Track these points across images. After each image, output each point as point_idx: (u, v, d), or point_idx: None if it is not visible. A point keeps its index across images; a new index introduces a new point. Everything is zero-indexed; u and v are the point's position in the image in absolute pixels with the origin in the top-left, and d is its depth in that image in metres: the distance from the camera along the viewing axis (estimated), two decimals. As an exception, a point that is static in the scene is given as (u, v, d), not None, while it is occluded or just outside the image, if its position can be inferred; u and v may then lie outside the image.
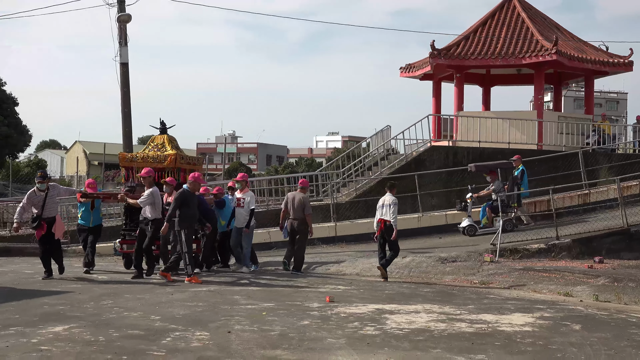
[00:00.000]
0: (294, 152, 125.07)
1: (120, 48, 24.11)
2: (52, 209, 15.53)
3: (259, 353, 8.65)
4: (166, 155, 17.79)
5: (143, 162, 17.68)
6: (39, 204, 15.30)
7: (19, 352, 8.42)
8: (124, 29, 24.18)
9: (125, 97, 24.18)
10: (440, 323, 10.84)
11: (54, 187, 15.84)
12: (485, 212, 22.47)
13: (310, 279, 16.35)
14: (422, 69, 31.19)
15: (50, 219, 15.40)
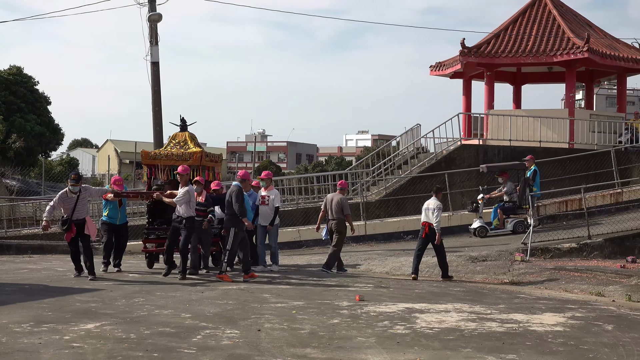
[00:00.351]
0: (323, 151, 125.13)
1: (150, 47, 24.20)
2: (82, 211, 15.32)
3: (289, 351, 8.67)
4: (191, 152, 17.31)
5: (167, 160, 17.31)
6: (70, 206, 15.12)
7: (52, 349, 8.50)
8: (154, 28, 24.28)
9: (156, 95, 24.28)
10: (471, 322, 10.80)
11: (86, 189, 15.62)
12: (497, 214, 22.35)
13: (340, 277, 16.34)
14: (452, 67, 31.06)
15: (80, 221, 15.20)
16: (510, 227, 22.28)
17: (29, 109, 56.05)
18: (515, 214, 22.47)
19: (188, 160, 17.04)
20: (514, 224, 22.25)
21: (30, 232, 24.19)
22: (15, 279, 15.01)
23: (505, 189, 22.45)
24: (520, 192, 22.16)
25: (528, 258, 18.10)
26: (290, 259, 19.44)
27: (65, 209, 15.12)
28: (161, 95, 24.46)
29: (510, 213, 22.48)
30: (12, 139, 46.40)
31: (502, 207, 22.35)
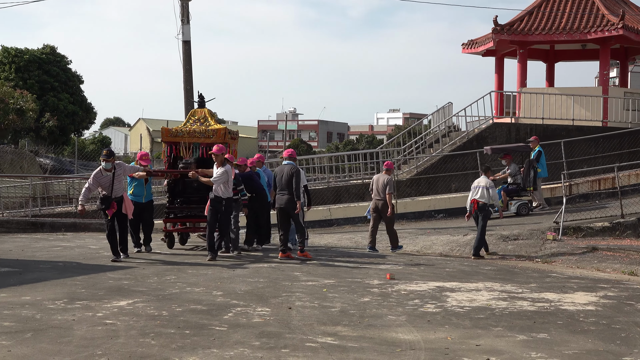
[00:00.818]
0: (354, 129, 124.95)
1: (182, 26, 24.24)
2: (120, 188, 14.73)
3: (320, 329, 8.70)
4: (214, 129, 16.68)
5: (189, 137, 16.66)
6: (107, 184, 14.53)
7: (85, 325, 8.60)
8: (186, 7, 24.30)
9: (187, 74, 24.35)
10: (502, 301, 10.78)
11: (120, 166, 14.87)
12: (501, 196, 22.09)
13: (370, 255, 16.36)
14: (485, 44, 30.82)
15: (119, 199, 14.69)
16: (514, 209, 22.12)
17: (62, 88, 56.48)
18: (519, 196, 22.32)
19: (211, 138, 16.53)
20: (518, 206, 22.11)
21: (63, 210, 24.43)
22: (49, 256, 15.18)
23: (509, 170, 22.22)
24: (525, 174, 22.00)
25: (560, 237, 17.99)
26: (321, 237, 19.48)
27: (103, 187, 14.58)
28: (192, 73, 24.52)
29: (514, 195, 22.31)
30: (45, 118, 46.81)
31: (506, 189, 22.11)
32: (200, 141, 16.54)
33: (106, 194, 14.55)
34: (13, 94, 42.12)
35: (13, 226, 21.82)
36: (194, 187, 16.51)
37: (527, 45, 29.80)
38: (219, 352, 7.52)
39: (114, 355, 7.31)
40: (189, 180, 16.29)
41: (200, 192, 16.23)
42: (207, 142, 16.47)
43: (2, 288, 11.09)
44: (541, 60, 34.23)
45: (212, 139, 16.44)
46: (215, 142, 16.23)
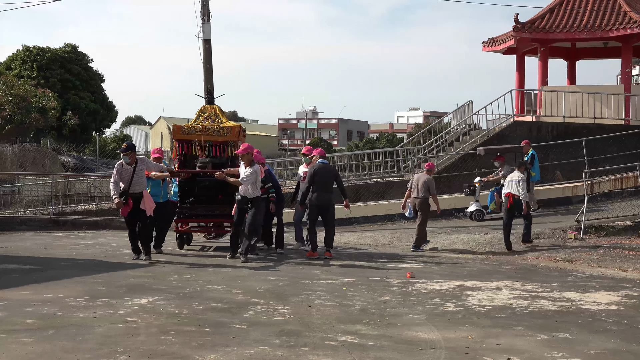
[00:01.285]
0: (374, 128, 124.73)
1: (202, 24, 24.24)
2: (140, 184, 14.08)
3: (340, 328, 8.70)
4: (229, 127, 16.10)
5: (202, 135, 15.98)
6: (126, 177, 13.95)
7: (106, 323, 8.64)
8: (206, 5, 24.31)
9: (208, 73, 24.36)
10: (523, 300, 10.73)
11: (143, 161, 14.34)
12: (494, 197, 21.81)
13: (391, 254, 16.34)
14: (506, 42, 30.68)
15: (137, 195, 14.03)
16: None
17: (83, 86, 56.83)
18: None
19: (225, 136, 16.02)
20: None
21: (85, 208, 24.55)
22: (70, 254, 15.26)
23: (502, 172, 21.85)
24: None
25: (581, 236, 17.90)
26: (341, 236, 19.46)
27: (122, 181, 14.02)
28: (213, 72, 24.55)
29: None
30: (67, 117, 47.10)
31: (498, 190, 21.67)
32: (214, 139, 16.04)
33: (124, 189, 13.98)
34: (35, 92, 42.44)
35: (35, 224, 21.95)
36: (205, 185, 16.06)
37: (548, 43, 29.64)
38: (239, 350, 7.53)
39: (135, 353, 7.34)
40: (200, 178, 15.98)
41: (211, 190, 15.93)
42: (220, 140, 16.04)
43: (24, 285, 11.16)
44: (562, 58, 34.02)
45: (226, 137, 16.03)
46: (230, 140, 16.03)
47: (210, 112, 16.67)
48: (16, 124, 41.16)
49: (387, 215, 23.23)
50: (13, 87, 40.99)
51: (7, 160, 34.49)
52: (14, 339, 7.79)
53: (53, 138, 51.39)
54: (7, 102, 39.76)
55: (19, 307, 9.45)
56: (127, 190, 13.99)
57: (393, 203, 23.71)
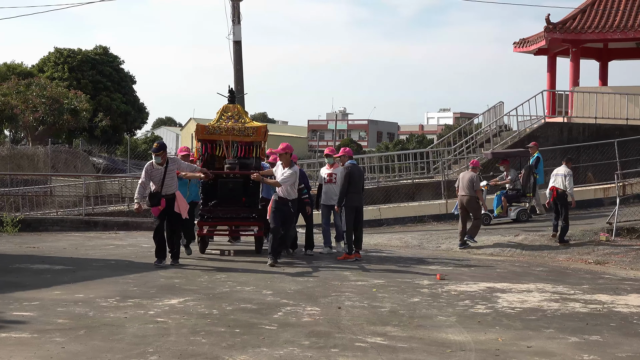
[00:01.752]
0: (404, 129, 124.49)
1: (233, 26, 24.35)
2: (172, 185, 13.63)
3: (369, 329, 8.69)
4: (254, 127, 15.49)
5: (227, 135, 15.39)
6: (158, 178, 13.53)
7: (137, 323, 8.70)
8: (237, 7, 24.42)
9: (238, 74, 24.46)
10: (553, 303, 10.66)
11: (174, 161, 13.90)
12: (500, 201, 21.44)
13: (420, 256, 16.30)
14: (537, 43, 30.51)
15: (170, 196, 13.62)
16: (513, 215, 21.41)
17: (114, 88, 57.27)
18: (518, 202, 21.64)
19: (251, 136, 15.47)
20: (518, 212, 21.40)
21: (116, 209, 24.73)
22: (102, 254, 15.37)
23: (509, 176, 21.64)
24: (524, 180, 21.43)
25: (613, 238, 17.74)
26: (371, 237, 19.44)
27: (154, 182, 13.59)
28: (243, 73, 24.64)
29: (514, 201, 21.62)
30: (98, 118, 47.50)
31: (505, 194, 21.50)
32: (239, 139, 15.48)
33: (156, 190, 13.57)
34: (67, 94, 42.83)
35: (67, 224, 22.14)
36: (228, 188, 15.40)
37: (580, 44, 29.42)
38: (269, 351, 7.55)
39: (165, 353, 7.38)
40: (222, 180, 15.32)
41: (235, 193, 15.36)
42: (246, 140, 15.49)
43: (56, 285, 11.27)
44: (594, 59, 33.75)
45: (252, 138, 15.48)
46: (255, 140, 15.52)
47: (233, 111, 16.01)
48: (48, 125, 41.59)
49: (417, 216, 23.17)
50: (45, 89, 41.40)
51: (39, 162, 34.86)
52: (46, 338, 7.87)
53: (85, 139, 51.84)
54: (39, 103, 40.17)
55: (51, 307, 9.54)
56: (159, 192, 13.58)
57: (423, 204, 23.68)
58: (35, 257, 14.72)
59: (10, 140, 41.70)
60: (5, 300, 10.00)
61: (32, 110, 39.91)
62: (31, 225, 21.59)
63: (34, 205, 25.71)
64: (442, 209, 23.22)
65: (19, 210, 24.15)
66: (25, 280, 11.72)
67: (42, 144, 39.62)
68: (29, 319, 8.82)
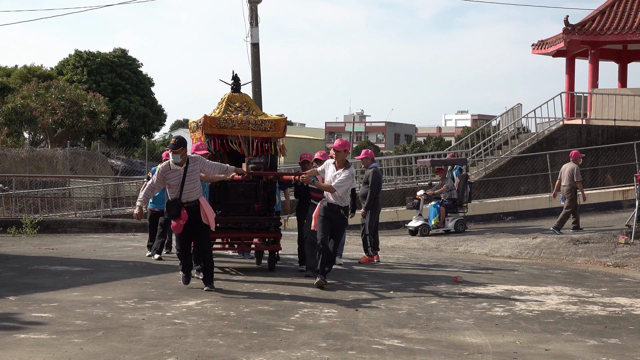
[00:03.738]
0: (422, 131, 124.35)
1: (251, 28, 24.39)
2: (194, 190, 11.02)
3: (386, 331, 8.68)
4: (272, 121, 13.22)
5: (241, 129, 12.97)
6: (176, 182, 10.93)
7: (155, 325, 8.73)
8: (254, 9, 24.46)
9: (256, 76, 24.50)
10: (572, 305, 10.61)
11: (196, 160, 11.14)
12: (438, 211, 20.73)
13: (438, 258, 16.27)
14: (555, 45, 30.41)
15: (193, 204, 11.00)
16: (451, 225, 20.73)
17: (133, 90, 57.46)
18: (454, 212, 20.96)
19: (269, 131, 13.12)
20: (455, 222, 20.78)
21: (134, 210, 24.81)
22: (120, 256, 15.43)
23: (446, 185, 20.84)
24: (461, 190, 20.99)
25: (632, 240, 17.63)
26: (388, 239, 19.43)
27: (170, 187, 11.02)
28: (261, 75, 24.68)
29: (450, 211, 20.91)
30: (117, 120, 47.69)
31: (443, 204, 20.80)
32: (256, 135, 13.10)
33: (174, 197, 10.96)
34: (86, 96, 43.01)
35: (85, 226, 22.27)
36: (239, 192, 13.12)
37: (599, 46, 29.30)
38: (286, 353, 7.56)
39: (183, 355, 7.40)
40: (231, 183, 12.87)
41: (247, 198, 13.09)
42: (263, 135, 13.13)
43: (75, 287, 11.33)
44: (613, 61, 33.59)
45: (270, 133, 13.14)
46: (275, 136, 13.21)
47: (240, 101, 13.59)
48: (67, 127, 41.79)
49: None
50: (64, 92, 41.61)
51: (58, 163, 35.02)
52: (65, 339, 7.91)
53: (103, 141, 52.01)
54: (58, 106, 40.37)
55: (70, 309, 9.59)
56: (178, 199, 10.95)
57: (440, 207, 23.61)
58: (54, 258, 14.80)
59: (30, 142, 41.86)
60: (24, 301, 10.07)
61: (51, 112, 40.12)
62: (50, 227, 21.74)
63: (53, 207, 25.83)
64: (459, 211, 23.17)
65: (38, 212, 24.29)
66: (44, 282, 11.79)
67: (60, 146, 39.83)
68: (48, 320, 8.87)
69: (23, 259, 14.76)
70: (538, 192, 24.55)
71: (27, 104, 39.27)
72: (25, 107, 39.10)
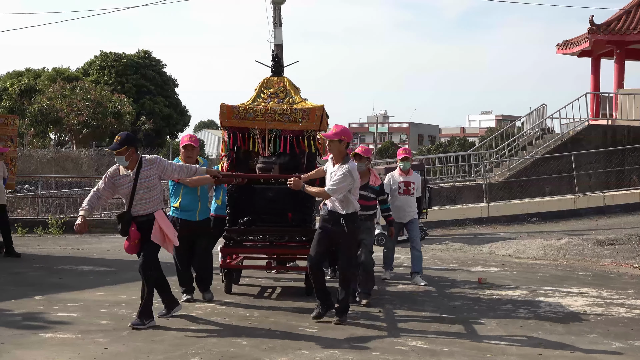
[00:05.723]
0: (446, 132, 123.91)
1: (274, 29, 24.38)
2: (149, 201, 8.70)
3: (410, 332, 8.65)
4: (305, 109, 10.62)
5: (265, 121, 10.57)
6: (126, 192, 8.72)
7: (179, 325, 8.77)
8: (278, 10, 24.45)
9: (280, 77, 24.48)
10: (597, 307, 10.54)
11: (151, 163, 8.71)
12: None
13: (462, 259, 16.21)
14: (580, 45, 30.19)
15: (145, 220, 8.72)
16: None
17: (157, 91, 57.82)
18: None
19: (300, 123, 10.62)
20: None
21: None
22: (144, 256, 15.47)
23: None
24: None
25: (659, 242, 17.49)
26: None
27: (121, 195, 9.01)
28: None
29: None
30: (141, 121, 47.96)
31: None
32: (284, 127, 10.60)
33: (125, 210, 8.83)
34: (111, 97, 43.30)
35: (110, 226, 22.33)
36: (268, 197, 10.64)
37: (625, 45, 29.07)
38: (309, 354, 7.56)
39: (206, 355, 7.42)
40: (259, 187, 10.56)
41: (277, 206, 10.61)
42: (292, 128, 10.67)
43: (99, 287, 11.40)
44: (639, 61, 33.32)
45: (302, 125, 10.63)
46: (307, 128, 10.65)
47: (277, 86, 11.23)
48: (92, 128, 42.07)
49: (458, 219, 23.05)
50: (90, 93, 41.90)
51: (83, 164, 35.25)
52: (89, 339, 7.96)
53: (128, 142, 52.27)
54: (84, 107, 40.65)
55: (94, 308, 9.66)
56: (128, 212, 8.75)
57: (465, 207, 23.56)
58: (79, 258, 14.91)
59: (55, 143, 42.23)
60: (50, 301, 10.14)
61: (77, 113, 40.42)
62: (75, 227, 21.83)
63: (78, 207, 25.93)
64: (483, 212, 23.10)
65: (64, 212, 24.43)
66: (69, 282, 11.87)
67: (86, 147, 40.08)
68: (73, 320, 8.93)
69: (49, 259, 14.88)
70: (562, 193, 24.38)
71: (53, 105, 39.58)
72: (51, 109, 39.41)
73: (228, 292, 10.89)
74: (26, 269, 13.26)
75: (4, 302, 10.01)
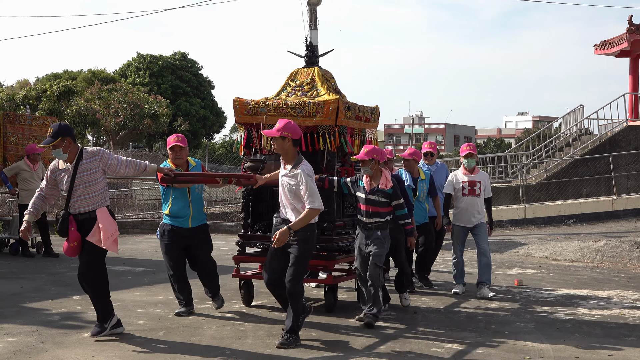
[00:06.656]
0: (482, 133, 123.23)
1: (310, 31, 24.40)
2: (89, 197, 7.86)
3: (446, 335, 8.62)
4: (319, 102, 9.57)
5: (277, 116, 9.44)
6: (65, 186, 7.89)
7: (215, 325, 8.81)
8: (314, 12, 24.38)
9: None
10: (636, 310, 10.43)
11: (92, 156, 7.91)
12: None
13: (498, 261, 16.11)
14: (619, 45, 29.88)
15: (86, 218, 7.89)
16: None
17: (193, 93, 58.12)
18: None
19: (314, 117, 9.54)
20: None
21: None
22: (180, 257, 15.56)
23: None
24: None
25: (699, 245, 17.27)
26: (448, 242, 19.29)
27: (63, 191, 8.07)
28: (319, 78, 24.68)
29: None
30: (178, 122, 48.23)
31: None
32: (297, 123, 8.68)
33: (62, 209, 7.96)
34: (148, 99, 43.58)
35: (147, 227, 22.51)
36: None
37: (664, 46, 28.76)
38: (345, 355, 7.57)
39: (242, 356, 7.46)
40: (276, 190, 8.77)
41: None
42: (306, 123, 9.56)
43: (137, 287, 11.50)
44: (680, 61, 32.91)
45: (316, 120, 9.55)
46: (321, 123, 9.54)
47: (304, 78, 10.31)
48: (129, 130, 42.39)
49: (494, 221, 22.89)
50: (127, 94, 42.23)
51: (120, 165, 35.52)
52: (126, 339, 8.03)
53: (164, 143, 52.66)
54: (121, 108, 40.98)
55: (131, 308, 9.74)
56: (66, 210, 7.87)
57: (501, 209, 23.41)
58: (117, 259, 15.00)
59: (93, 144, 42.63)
60: (88, 301, 10.18)
61: (114, 115, 40.74)
62: (112, 228, 22.02)
63: (115, 208, 26.19)
64: (520, 214, 22.95)
65: (101, 213, 24.68)
66: (107, 282, 11.96)
67: (123, 148, 40.44)
68: (110, 320, 9.00)
69: (86, 259, 15.00)
70: (600, 195, 24.17)
71: (90, 107, 39.95)
72: (89, 110, 39.77)
73: (247, 304, 10.09)
74: (64, 269, 13.41)
75: (44, 302, 10.14)
